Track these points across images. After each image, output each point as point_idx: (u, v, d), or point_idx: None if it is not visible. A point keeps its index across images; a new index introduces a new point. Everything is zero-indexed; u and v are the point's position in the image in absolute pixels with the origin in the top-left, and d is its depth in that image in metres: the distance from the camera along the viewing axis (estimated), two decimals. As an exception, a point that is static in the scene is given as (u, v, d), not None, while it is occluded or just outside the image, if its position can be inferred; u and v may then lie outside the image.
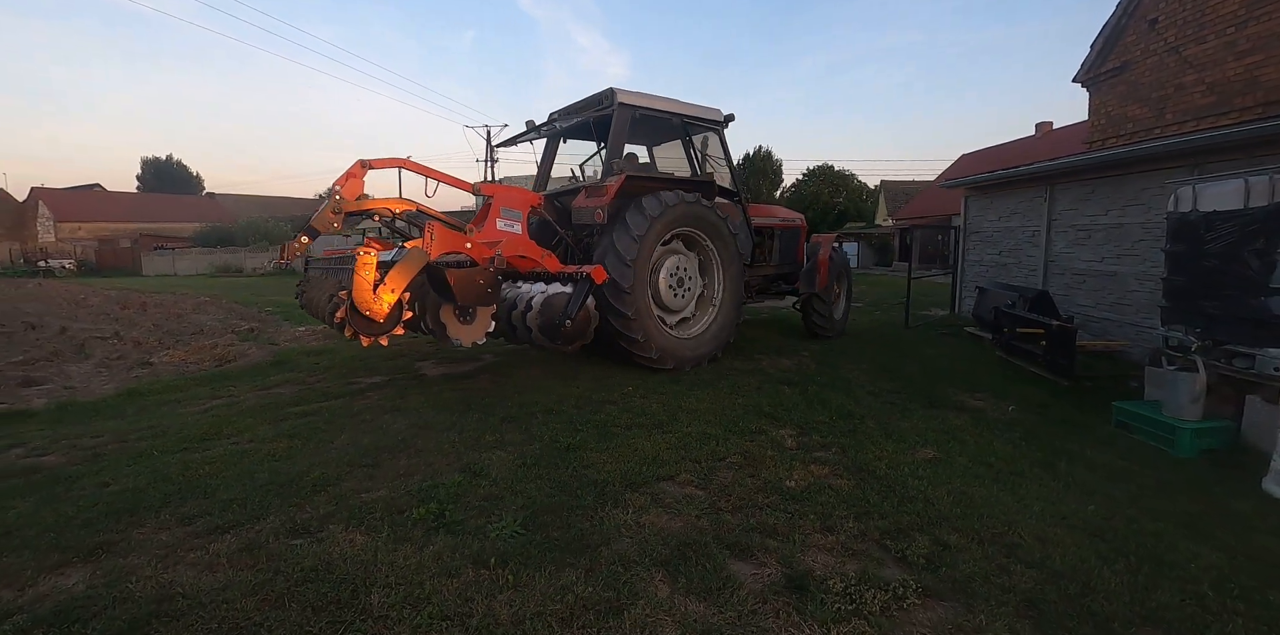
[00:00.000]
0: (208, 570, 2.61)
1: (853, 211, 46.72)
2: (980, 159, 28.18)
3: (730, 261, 6.78)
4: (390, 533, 2.89)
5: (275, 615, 2.29)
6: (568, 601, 2.35)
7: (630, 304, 5.76)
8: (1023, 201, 10.40)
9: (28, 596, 2.48)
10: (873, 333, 9.83)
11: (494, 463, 3.74)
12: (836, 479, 3.62)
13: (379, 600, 2.36)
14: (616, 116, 6.27)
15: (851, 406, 5.18)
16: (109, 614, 2.31)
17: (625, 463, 3.73)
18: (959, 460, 4.09)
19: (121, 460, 4.04)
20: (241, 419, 4.86)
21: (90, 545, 2.86)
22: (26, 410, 5.43)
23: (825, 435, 4.41)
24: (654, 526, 2.97)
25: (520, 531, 2.89)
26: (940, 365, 7.23)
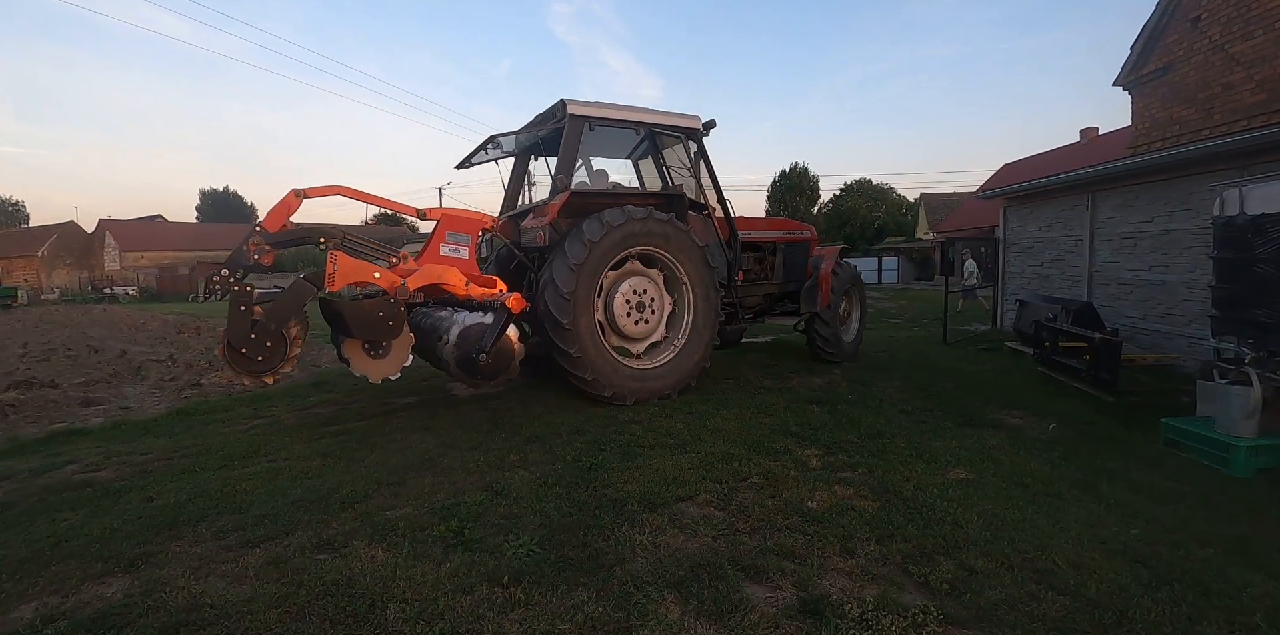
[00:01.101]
0: (236, 582, 2.72)
1: (892, 226, 46.01)
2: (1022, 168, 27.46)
3: (699, 282, 6.12)
4: (411, 549, 2.95)
5: (295, 627, 2.36)
6: (577, 621, 2.36)
7: (572, 340, 5.32)
8: (1064, 210, 10.11)
9: (71, 603, 2.62)
10: (909, 349, 9.62)
11: (516, 482, 3.78)
12: (860, 500, 3.54)
13: (394, 615, 2.41)
14: (567, 129, 5.85)
15: (881, 425, 5.07)
16: (142, 622, 2.42)
17: (645, 483, 3.73)
18: (992, 481, 3.96)
19: (167, 476, 4.24)
20: (279, 437, 5.04)
21: (131, 556, 3.01)
22: (84, 428, 5.74)
23: (852, 455, 4.33)
24: (669, 547, 2.95)
25: (536, 550, 2.91)
26: (977, 382, 7.03)
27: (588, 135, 6.05)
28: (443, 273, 5.13)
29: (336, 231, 5.19)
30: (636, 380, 5.70)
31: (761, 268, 7.81)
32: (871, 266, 36.42)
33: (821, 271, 7.47)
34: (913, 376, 7.20)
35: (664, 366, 5.91)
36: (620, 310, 5.81)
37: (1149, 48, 10.67)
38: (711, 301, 6.21)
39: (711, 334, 6.24)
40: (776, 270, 7.91)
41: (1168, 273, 7.82)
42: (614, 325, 5.82)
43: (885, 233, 45.02)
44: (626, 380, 5.63)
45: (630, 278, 5.93)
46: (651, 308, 5.98)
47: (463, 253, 5.42)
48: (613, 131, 6.34)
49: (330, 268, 4.62)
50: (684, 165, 6.81)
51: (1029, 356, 8.30)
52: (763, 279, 7.78)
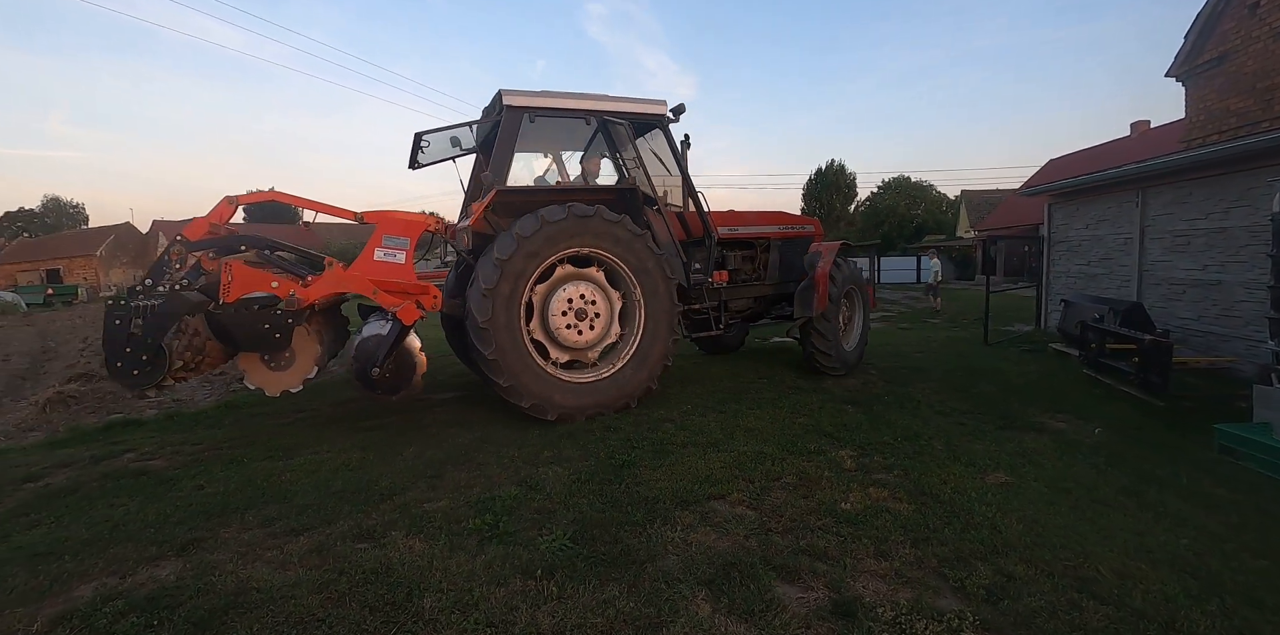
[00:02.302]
0: (281, 568, 2.82)
1: (931, 224, 45.01)
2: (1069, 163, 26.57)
3: (652, 289, 5.50)
4: (447, 541, 3.02)
5: (336, 612, 2.44)
6: (608, 615, 2.39)
7: (489, 341, 4.86)
8: (1112, 207, 9.77)
9: (127, 584, 2.77)
10: (948, 350, 9.43)
11: (550, 477, 3.83)
12: (896, 502, 3.50)
13: (431, 604, 2.48)
14: (504, 122, 5.36)
15: (918, 427, 4.99)
16: (193, 604, 2.54)
17: (678, 481, 3.74)
18: (1033, 485, 3.87)
19: (216, 466, 4.42)
20: (321, 430, 5.21)
21: (183, 541, 3.15)
22: (139, 419, 6.01)
23: (888, 457, 4.27)
24: (701, 545, 2.96)
25: (569, 545, 2.95)
26: (1019, 384, 6.85)
27: (537, 128, 5.62)
28: (345, 280, 4.94)
29: (262, 238, 5.24)
30: (573, 394, 5.18)
31: (753, 266, 7.06)
32: (910, 265, 35.71)
33: (818, 270, 6.53)
34: (951, 378, 7.06)
35: (610, 378, 5.39)
36: (559, 319, 5.25)
37: (1204, 36, 10.22)
38: (663, 311, 5.54)
39: (665, 345, 5.56)
40: (770, 269, 7.11)
41: (1224, 272, 7.50)
42: (551, 334, 5.29)
43: (924, 230, 44.07)
44: (555, 392, 5.09)
45: (565, 285, 5.33)
46: (596, 317, 5.39)
47: (399, 257, 5.12)
48: (563, 123, 5.79)
49: (225, 278, 4.56)
50: (656, 156, 6.25)
51: (1074, 358, 8.06)
52: (753, 279, 7.03)
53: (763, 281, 7.05)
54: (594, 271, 5.48)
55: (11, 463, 4.81)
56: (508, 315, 4.98)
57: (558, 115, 5.62)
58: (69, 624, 2.45)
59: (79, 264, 46.60)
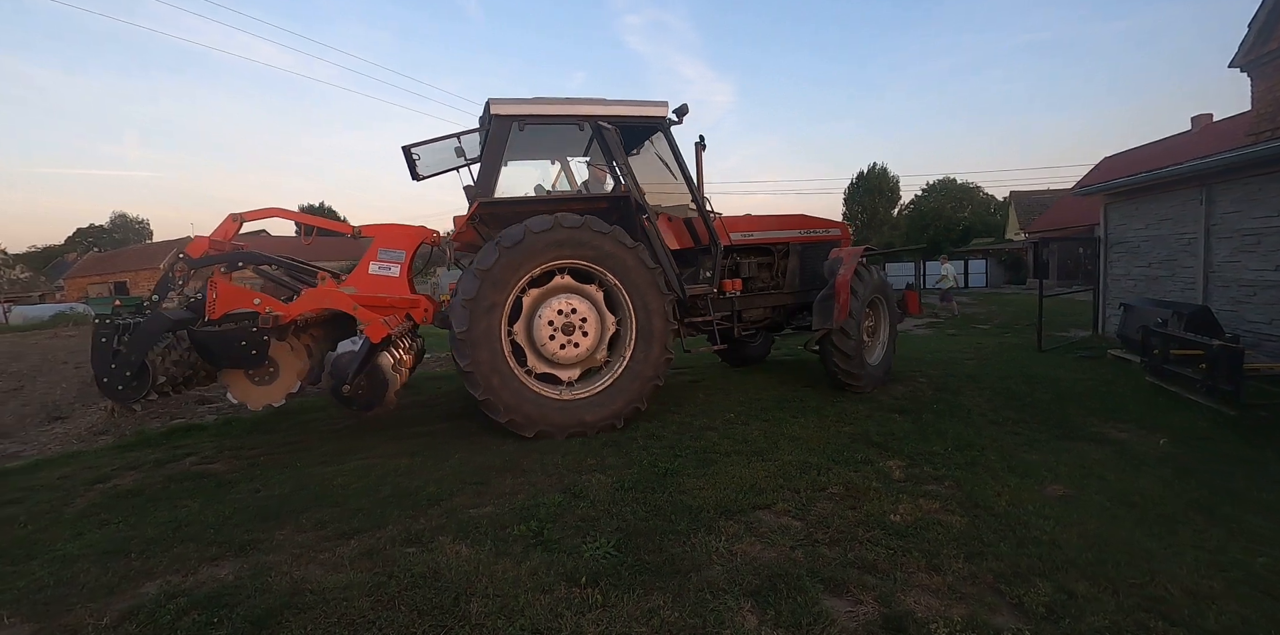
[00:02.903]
0: (334, 570, 2.90)
1: (979, 226, 43.79)
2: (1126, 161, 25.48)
3: (645, 305, 5.22)
4: (493, 547, 3.05)
5: (386, 615, 2.49)
6: (653, 624, 2.37)
7: (465, 353, 4.75)
8: (1174, 206, 9.33)
9: (190, 582, 2.88)
10: (1000, 357, 9.13)
11: (593, 485, 3.84)
12: (948, 515, 3.39)
13: (477, 609, 2.50)
14: (492, 131, 5.25)
15: (970, 437, 4.84)
16: (251, 602, 2.62)
17: (722, 490, 3.70)
18: (1095, 499, 3.70)
19: (272, 470, 4.59)
20: (370, 437, 5.34)
21: (241, 542, 3.27)
22: (200, 424, 6.27)
23: (938, 467, 4.15)
24: (746, 555, 2.92)
25: (613, 553, 2.95)
26: (1077, 392, 6.58)
27: (534, 137, 5.54)
28: (323, 296, 5.03)
29: (259, 254, 5.39)
30: (556, 411, 5.00)
31: (770, 274, 6.66)
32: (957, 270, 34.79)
33: (839, 278, 5.97)
34: (1004, 385, 6.82)
35: (597, 396, 5.14)
36: (544, 331, 5.07)
37: (1270, 24, 9.72)
38: (654, 325, 5.25)
39: (657, 365, 5.26)
40: (789, 276, 6.69)
41: (1300, 274, 7.08)
42: (537, 348, 5.14)
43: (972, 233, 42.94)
44: (533, 407, 4.92)
45: (559, 295, 5.17)
46: (583, 329, 5.15)
47: (394, 270, 5.18)
48: (558, 130, 5.62)
49: (210, 295, 4.71)
50: (662, 161, 6.04)
51: (1135, 365, 7.70)
52: (771, 287, 6.63)
53: (781, 290, 6.67)
54: (593, 289, 5.25)
55: (84, 465, 5.07)
56: (487, 327, 4.84)
57: (549, 122, 5.44)
58: (136, 619, 2.57)
59: (144, 277, 48.98)
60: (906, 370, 7.63)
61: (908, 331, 13.27)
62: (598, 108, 5.47)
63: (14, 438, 6.62)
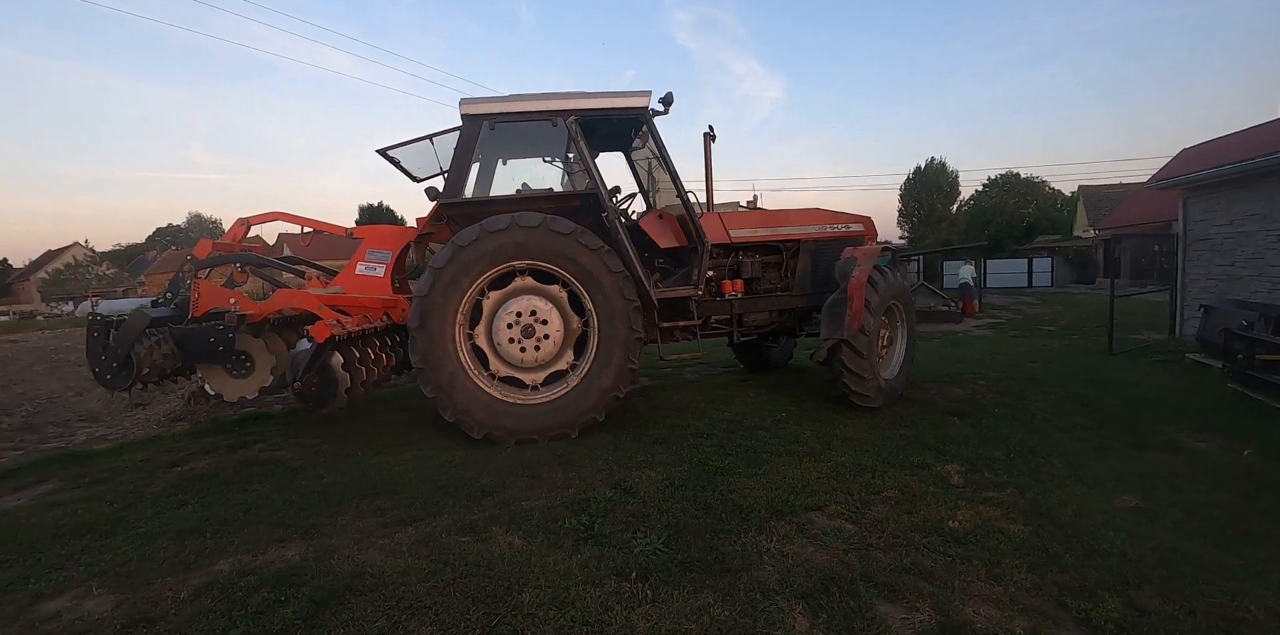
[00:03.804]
0: (392, 556, 3.00)
1: (1044, 223, 41.88)
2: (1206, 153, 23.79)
3: (608, 311, 4.96)
4: (544, 539, 3.11)
5: (441, 601, 2.57)
6: (703, 622, 2.37)
7: (416, 349, 4.76)
8: (1263, 200, 8.71)
9: (259, 561, 3.04)
10: (1066, 359, 8.73)
11: (643, 481, 3.86)
12: (1009, 523, 3.27)
13: (529, 599, 2.56)
14: (462, 131, 5.14)
15: (1034, 442, 4.65)
16: (315, 583, 2.75)
17: (773, 490, 3.67)
18: (1169, 512, 3.51)
19: (334, 458, 4.78)
20: (426, 428, 5.50)
21: (307, 525, 3.42)
22: (269, 413, 6.57)
23: (999, 473, 4.00)
24: (798, 557, 2.89)
25: (663, 549, 2.96)
26: (1151, 398, 6.23)
27: (511, 135, 5.44)
28: (293, 297, 5.22)
29: (254, 256, 5.92)
30: (507, 416, 4.88)
31: (779, 274, 6.09)
32: (1020, 268, 33.39)
33: (851, 281, 5.29)
34: (1071, 389, 6.52)
35: (552, 404, 4.96)
36: (504, 334, 4.97)
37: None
38: (618, 329, 4.97)
39: (616, 375, 4.98)
40: (800, 277, 6.07)
41: None
42: (497, 350, 5.05)
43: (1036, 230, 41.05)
44: (483, 410, 4.84)
45: (520, 296, 5.04)
46: (544, 332, 5.00)
47: (379, 271, 5.28)
48: (533, 127, 5.36)
49: (194, 295, 5.08)
50: (650, 154, 5.72)
51: (1216, 370, 7.25)
52: (779, 289, 6.07)
53: (790, 292, 6.05)
54: (556, 290, 5.07)
55: (163, 448, 5.39)
56: (440, 325, 4.81)
57: (520, 120, 5.22)
58: (210, 594, 2.72)
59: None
60: (965, 372, 7.38)
61: (966, 332, 12.84)
62: (570, 102, 5.20)
63: (102, 422, 7.08)
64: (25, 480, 4.73)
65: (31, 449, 5.92)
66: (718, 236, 5.70)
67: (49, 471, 4.91)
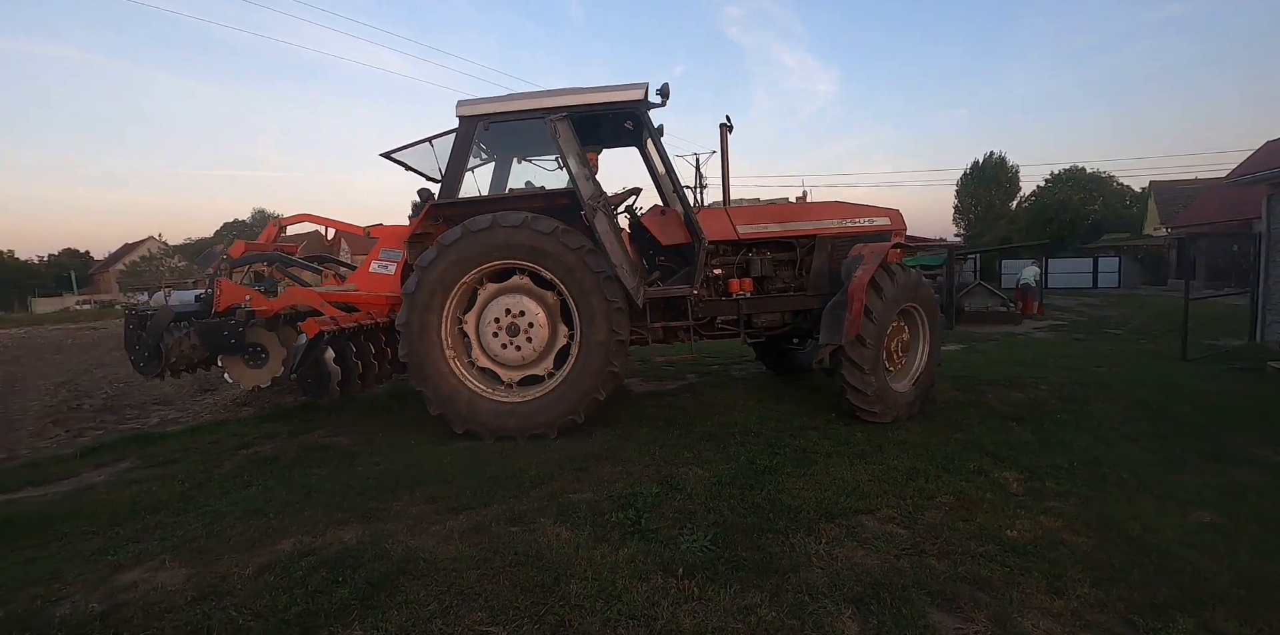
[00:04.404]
0: (444, 542, 3.09)
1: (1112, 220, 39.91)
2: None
3: (589, 313, 4.91)
4: (591, 531, 3.14)
5: (491, 588, 2.63)
6: (749, 622, 2.35)
7: (402, 344, 4.95)
8: (1365, 204, 8.10)
9: (319, 542, 3.16)
10: (1135, 365, 8.30)
11: (690, 478, 3.85)
12: (1072, 535, 3.13)
13: (576, 590, 2.59)
14: (458, 132, 5.15)
15: (1100, 451, 4.44)
16: (371, 565, 2.85)
17: (822, 491, 3.61)
18: (1248, 529, 3.31)
19: (388, 445, 4.94)
20: (477, 417, 5.60)
21: (363, 510, 3.54)
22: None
23: (1062, 482, 3.84)
24: (847, 560, 2.84)
25: (709, 547, 2.94)
26: (1227, 407, 5.87)
27: (509, 135, 5.41)
28: (300, 294, 5.65)
29: (278, 255, 6.55)
30: (487, 413, 4.97)
31: (793, 273, 5.71)
32: (1085, 268, 31.90)
33: (853, 282, 4.85)
34: (1140, 396, 6.20)
35: (533, 402, 4.99)
36: (489, 331, 5.06)
37: None
38: (598, 328, 4.90)
39: (596, 377, 4.93)
40: (815, 276, 5.63)
41: None
42: (487, 348, 5.12)
43: (1103, 228, 39.16)
44: (468, 407, 4.96)
45: (514, 294, 5.10)
46: (528, 334, 5.05)
47: (390, 269, 5.47)
48: (527, 126, 5.28)
49: (217, 292, 5.62)
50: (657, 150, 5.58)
51: (1304, 381, 6.78)
52: (793, 288, 5.69)
53: (805, 291, 5.66)
54: (551, 297, 5.10)
55: (230, 432, 5.66)
56: (424, 322, 4.94)
57: (513, 119, 5.18)
58: (273, 571, 2.85)
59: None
60: (1025, 375, 7.10)
61: (1026, 334, 12.36)
62: (561, 99, 5.11)
63: (174, 405, 7.48)
64: (105, 458, 5.05)
65: (111, 429, 6.30)
66: (723, 232, 5.52)
67: (127, 451, 5.22)
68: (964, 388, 6.41)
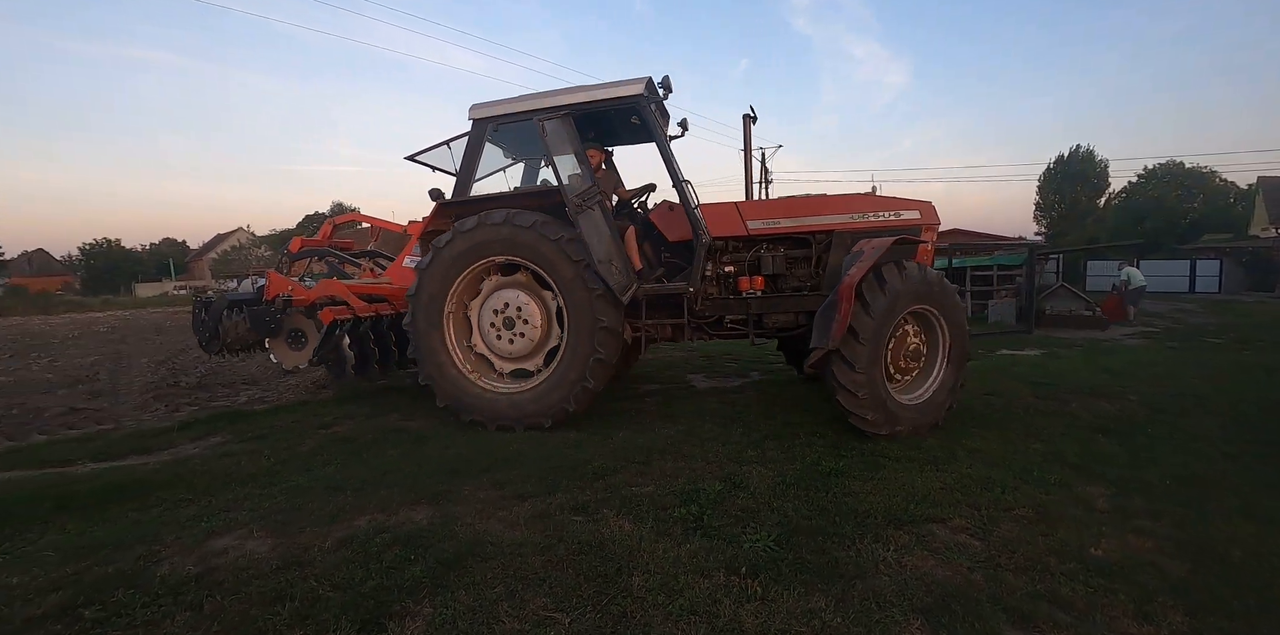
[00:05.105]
0: (510, 527, 3.17)
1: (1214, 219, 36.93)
2: None
3: (572, 299, 5.00)
4: (654, 525, 3.15)
5: (555, 576, 2.68)
6: (814, 626, 2.31)
7: (413, 342, 5.34)
8: None
9: (393, 521, 3.30)
10: (1241, 377, 7.67)
11: (754, 477, 3.81)
12: (1164, 557, 2.93)
13: (639, 583, 2.60)
14: (470, 135, 5.36)
15: (1196, 468, 4.14)
16: (441, 546, 2.96)
17: (891, 497, 3.50)
18: (1372, 562, 3.00)
19: (458, 431, 5.12)
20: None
21: (434, 492, 3.68)
22: (398, 387, 7.12)
23: (1153, 501, 3.59)
24: (917, 569, 2.75)
25: (773, 547, 2.91)
26: (1348, 429, 5.36)
27: (519, 135, 5.49)
28: (331, 286, 6.33)
29: (327, 250, 7.61)
30: (489, 403, 5.20)
31: (808, 271, 5.44)
32: (1181, 271, 29.67)
33: (844, 281, 4.44)
34: (1241, 411, 5.73)
35: (528, 393, 5.17)
36: (488, 324, 5.32)
37: None
38: (581, 322, 4.99)
39: (584, 361, 4.99)
40: (831, 274, 5.26)
41: None
42: (488, 341, 5.39)
43: (1203, 228, 36.30)
44: (472, 399, 5.21)
45: (515, 290, 5.29)
46: (521, 330, 5.23)
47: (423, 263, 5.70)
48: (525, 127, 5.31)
49: (267, 282, 6.46)
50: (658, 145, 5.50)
51: None
52: (808, 287, 5.39)
53: (820, 291, 5.32)
54: (550, 297, 5.23)
55: (311, 412, 5.98)
56: (427, 320, 5.26)
57: (516, 120, 5.27)
58: (351, 546, 2.99)
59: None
60: (1113, 384, 6.69)
61: (1114, 341, 11.63)
62: (562, 98, 5.16)
63: (260, 386, 7.95)
64: (200, 432, 5.43)
65: (204, 405, 6.75)
66: (733, 229, 5.36)
67: (219, 426, 5.59)
68: (1044, 395, 6.10)
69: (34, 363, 10.54)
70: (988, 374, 7.27)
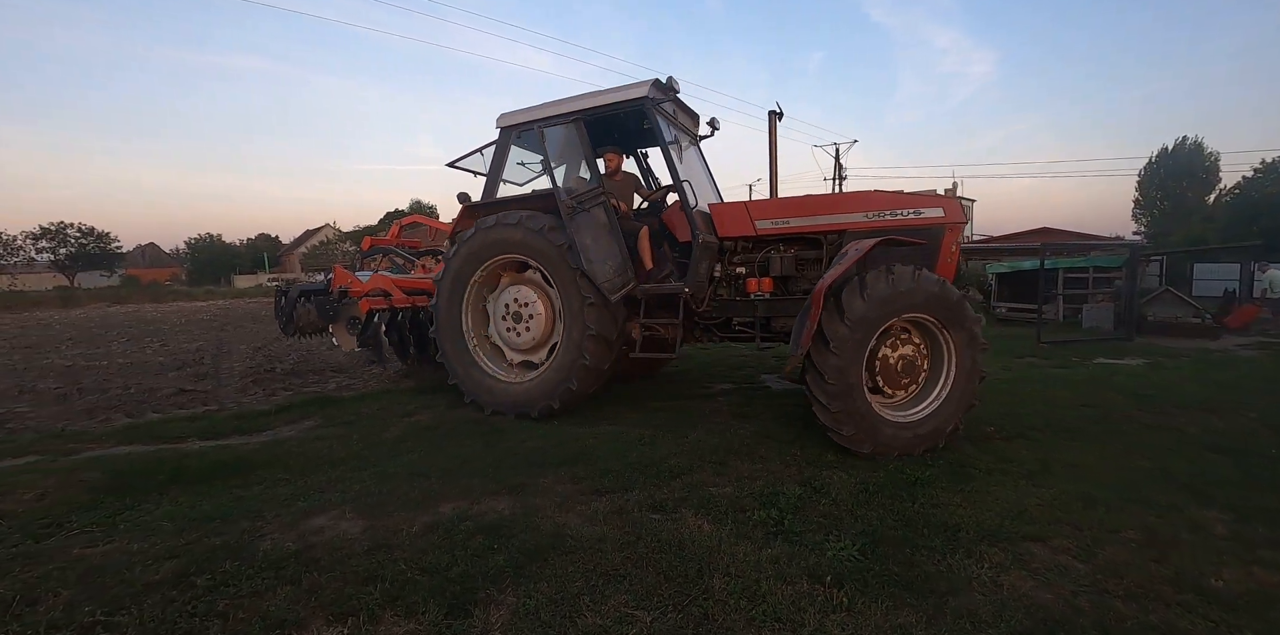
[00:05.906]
0: (589, 522, 3.20)
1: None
2: None
3: (566, 296, 5.28)
4: (733, 528, 3.11)
5: (635, 573, 2.68)
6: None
7: (436, 331, 5.85)
8: None
9: (476, 509, 3.40)
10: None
11: (835, 482, 3.71)
12: (1296, 592, 2.67)
13: (719, 585, 2.57)
14: (497, 141, 5.75)
15: (1330, 497, 3.74)
16: (522, 536, 3.02)
17: (983, 511, 3.33)
18: None
19: (535, 424, 5.22)
20: (616, 406, 5.82)
21: (513, 483, 3.75)
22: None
23: (1278, 530, 3.27)
24: (1014, 590, 2.60)
25: (858, 556, 2.82)
26: None
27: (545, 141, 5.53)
28: (380, 280, 6.97)
29: (389, 248, 8.68)
30: (504, 394, 5.57)
31: (819, 272, 5.10)
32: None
33: (819, 284, 4.10)
34: (1386, 436, 5.16)
35: (535, 383, 5.48)
36: (499, 318, 5.76)
37: None
38: (576, 318, 5.22)
39: (570, 365, 5.22)
40: None
41: None
42: (501, 335, 5.83)
43: (1332, 233, 32.83)
44: (489, 393, 5.63)
45: (519, 286, 5.69)
46: (528, 324, 5.61)
47: None
48: (553, 132, 5.56)
49: (332, 276, 7.33)
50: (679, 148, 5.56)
51: None
52: (806, 289, 5.09)
53: None
54: (555, 294, 5.49)
55: (394, 401, 6.23)
56: (450, 320, 5.78)
57: (528, 128, 5.61)
58: (436, 532, 3.09)
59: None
60: (1227, 399, 6.14)
61: (1227, 351, 10.69)
62: (573, 104, 5.38)
63: (346, 373, 8.35)
64: (294, 415, 5.74)
65: (297, 391, 7.14)
66: (741, 228, 5.23)
67: (310, 411, 5.90)
68: (1148, 409, 5.68)
69: (148, 347, 11.43)
70: (1082, 384, 6.83)
